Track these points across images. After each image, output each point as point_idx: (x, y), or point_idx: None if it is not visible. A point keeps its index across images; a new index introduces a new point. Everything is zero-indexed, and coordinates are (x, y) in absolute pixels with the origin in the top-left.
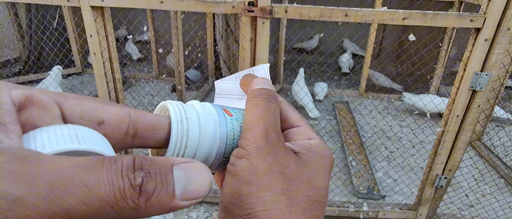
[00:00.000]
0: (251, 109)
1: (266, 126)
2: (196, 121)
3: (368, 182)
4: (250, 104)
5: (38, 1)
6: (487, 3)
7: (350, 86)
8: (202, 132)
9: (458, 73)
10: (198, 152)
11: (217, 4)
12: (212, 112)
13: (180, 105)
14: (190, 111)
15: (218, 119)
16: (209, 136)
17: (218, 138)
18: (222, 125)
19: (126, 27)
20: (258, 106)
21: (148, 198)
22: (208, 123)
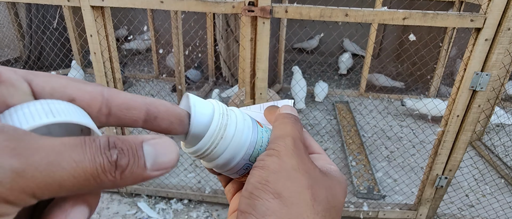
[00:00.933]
0: (280, 125)
1: (295, 137)
2: (234, 119)
3: (368, 182)
4: (279, 122)
5: (39, 1)
6: (487, 3)
7: (350, 86)
8: (237, 130)
9: (458, 73)
10: (229, 147)
11: (217, 4)
12: (247, 118)
13: (222, 104)
14: (230, 110)
15: (252, 124)
16: (242, 136)
17: (249, 140)
18: (254, 131)
19: (126, 27)
20: (287, 124)
21: (122, 171)
22: (243, 125)
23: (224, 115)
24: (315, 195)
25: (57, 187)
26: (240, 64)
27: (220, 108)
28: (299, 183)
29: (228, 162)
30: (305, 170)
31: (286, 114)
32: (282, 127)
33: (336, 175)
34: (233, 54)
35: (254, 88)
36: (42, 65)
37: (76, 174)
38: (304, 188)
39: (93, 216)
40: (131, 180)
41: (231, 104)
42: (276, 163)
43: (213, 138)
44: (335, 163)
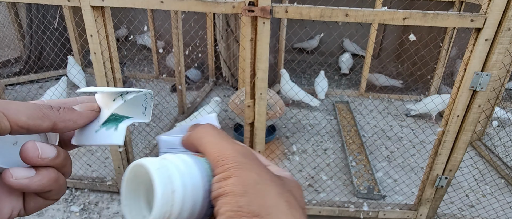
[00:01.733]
0: (206, 141)
1: (232, 144)
2: (173, 167)
3: (369, 182)
4: (201, 135)
5: (39, 1)
6: (487, 3)
7: (351, 86)
8: (183, 176)
9: (458, 73)
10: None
11: (217, 4)
12: (184, 157)
13: (154, 159)
14: (163, 159)
15: (192, 160)
16: (192, 177)
17: (200, 177)
18: (198, 165)
19: (126, 27)
20: (210, 133)
21: (58, 109)
22: (185, 166)
23: (161, 168)
24: (288, 201)
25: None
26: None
27: (153, 164)
28: (270, 195)
29: (193, 211)
30: (268, 178)
31: (200, 127)
32: (210, 141)
33: (290, 179)
34: (233, 54)
35: (254, 88)
36: (42, 65)
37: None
38: (277, 198)
39: (93, 216)
40: (68, 116)
41: (231, 104)
42: (237, 184)
43: (164, 198)
44: (335, 163)
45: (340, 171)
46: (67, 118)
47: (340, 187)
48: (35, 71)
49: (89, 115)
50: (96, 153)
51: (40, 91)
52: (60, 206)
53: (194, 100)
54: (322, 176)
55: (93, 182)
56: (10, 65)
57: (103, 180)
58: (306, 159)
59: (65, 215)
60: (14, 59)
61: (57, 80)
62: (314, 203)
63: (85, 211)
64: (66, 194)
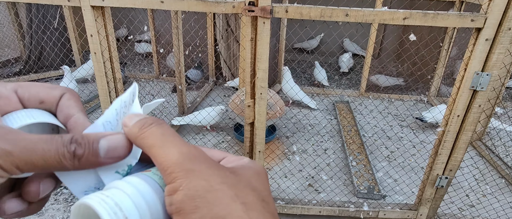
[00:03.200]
0: (147, 143)
1: (178, 146)
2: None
3: (369, 182)
4: (141, 140)
5: (39, 1)
6: (488, 3)
7: (351, 86)
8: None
9: (458, 73)
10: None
11: (217, 4)
12: (130, 178)
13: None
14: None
15: (139, 179)
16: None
17: (157, 200)
18: (147, 179)
19: (126, 27)
20: (152, 135)
21: (80, 158)
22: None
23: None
24: (245, 203)
25: (33, 165)
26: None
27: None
28: (224, 202)
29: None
30: (220, 181)
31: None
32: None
33: (249, 166)
34: (233, 54)
35: (255, 88)
36: (42, 65)
37: (45, 158)
38: (231, 203)
39: None
40: (88, 165)
41: (232, 104)
42: (186, 200)
43: None
44: (335, 163)
45: (340, 171)
46: (85, 167)
47: (340, 187)
48: (35, 71)
49: (113, 162)
50: None
51: None
52: (60, 206)
53: (194, 100)
54: (322, 176)
55: None
56: (10, 65)
57: None
58: (306, 159)
59: (65, 215)
60: (14, 59)
61: (57, 80)
62: (314, 203)
63: None
64: (66, 194)
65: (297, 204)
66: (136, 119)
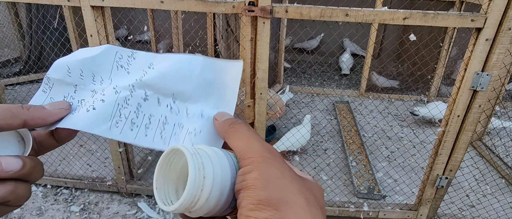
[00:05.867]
0: (234, 136)
1: (260, 140)
2: (207, 157)
3: (369, 182)
4: (231, 132)
5: (39, 1)
6: (488, 3)
7: (351, 86)
8: (214, 165)
9: (459, 73)
10: (214, 185)
11: (217, 4)
12: (217, 150)
13: (190, 146)
14: (199, 150)
15: (223, 153)
16: (221, 168)
17: (229, 169)
18: (228, 158)
19: (126, 27)
20: (240, 130)
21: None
22: (217, 157)
23: (196, 155)
24: (308, 199)
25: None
26: None
27: (190, 150)
28: (290, 191)
29: (219, 200)
30: (289, 175)
31: (229, 121)
32: (239, 137)
33: (312, 180)
34: (233, 54)
35: (254, 88)
36: (42, 65)
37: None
38: (296, 194)
39: (93, 216)
40: (37, 113)
41: None
42: (259, 179)
43: (196, 182)
44: (336, 163)
45: (340, 171)
46: (36, 116)
47: (340, 187)
48: (35, 71)
49: (58, 113)
50: (96, 153)
51: None
52: (60, 206)
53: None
54: (322, 176)
55: (93, 182)
56: (10, 65)
57: (103, 180)
58: (306, 159)
59: (65, 215)
60: (14, 59)
61: None
62: None
63: (85, 211)
64: (66, 194)
65: None
66: (227, 116)
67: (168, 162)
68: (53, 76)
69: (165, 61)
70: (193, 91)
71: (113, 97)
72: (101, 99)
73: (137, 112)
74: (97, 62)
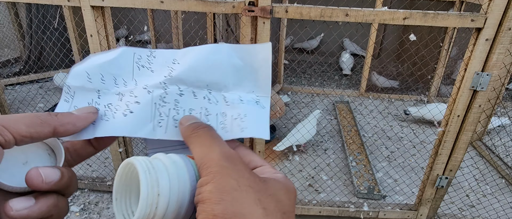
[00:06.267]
0: (195, 142)
1: (221, 147)
2: (162, 168)
3: (369, 182)
4: (192, 138)
5: (39, 1)
6: (488, 3)
7: (351, 86)
8: (171, 178)
9: (459, 73)
10: (171, 199)
11: (217, 4)
12: (176, 158)
13: (145, 159)
14: (154, 162)
15: (183, 162)
16: (179, 181)
17: (189, 180)
18: (188, 168)
19: (126, 27)
20: (202, 135)
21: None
22: (175, 169)
23: (150, 170)
24: (266, 209)
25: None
26: None
27: (143, 165)
28: (247, 202)
29: (178, 213)
30: (247, 184)
31: (193, 126)
32: (200, 142)
33: (282, 182)
34: None
35: None
36: (42, 65)
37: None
38: (253, 206)
39: (93, 216)
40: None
41: None
42: (214, 193)
43: (149, 200)
44: (335, 163)
45: (340, 171)
46: (65, 122)
47: (340, 187)
48: (35, 71)
49: (87, 117)
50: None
51: (40, 91)
52: None
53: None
54: (322, 176)
55: (93, 182)
56: (10, 65)
57: (103, 180)
58: (306, 159)
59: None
60: (14, 59)
61: None
62: (314, 203)
63: (85, 211)
64: None
65: (297, 204)
66: (192, 120)
67: (127, 172)
68: (73, 84)
69: (189, 54)
70: (226, 79)
71: (147, 97)
72: (136, 101)
73: (176, 109)
74: (117, 65)
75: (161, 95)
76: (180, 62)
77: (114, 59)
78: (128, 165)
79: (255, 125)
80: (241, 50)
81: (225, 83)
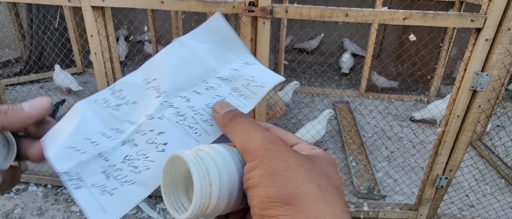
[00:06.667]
0: (235, 130)
1: (262, 132)
2: (210, 159)
3: (369, 182)
4: (231, 127)
5: (39, 1)
6: (487, 3)
7: (351, 86)
8: (219, 168)
9: (458, 73)
10: (222, 188)
11: (217, 4)
12: (220, 149)
13: (192, 152)
14: (201, 154)
15: (227, 152)
16: (227, 170)
17: (235, 168)
18: (233, 156)
19: (126, 27)
20: (241, 123)
21: (5, 112)
22: (221, 158)
23: (199, 162)
24: (320, 185)
25: None
26: None
27: (191, 157)
28: (300, 181)
29: (229, 201)
30: (297, 163)
31: (228, 115)
32: (240, 130)
33: (323, 156)
34: None
35: None
36: (42, 65)
37: None
38: (306, 184)
39: None
40: (15, 117)
41: None
42: (265, 174)
43: (203, 191)
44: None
45: (340, 171)
46: (14, 121)
47: None
48: (35, 71)
49: (39, 113)
50: None
51: (41, 91)
52: (61, 206)
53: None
54: None
55: None
56: (11, 65)
57: None
58: None
59: (65, 215)
60: (15, 59)
61: None
62: None
63: None
64: (66, 194)
65: None
66: (226, 108)
67: (172, 166)
68: (68, 168)
69: (159, 66)
70: (208, 64)
71: (165, 122)
72: (159, 132)
73: (197, 113)
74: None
75: (175, 113)
76: (157, 77)
77: (83, 119)
78: (173, 158)
79: (265, 76)
80: (199, 33)
81: (210, 67)
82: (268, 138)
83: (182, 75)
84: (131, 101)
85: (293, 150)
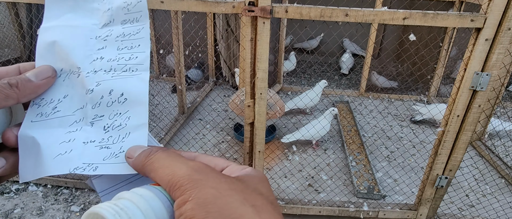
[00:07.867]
0: (155, 168)
1: (184, 162)
2: (133, 207)
3: (369, 182)
4: (149, 165)
5: (39, 1)
6: (488, 3)
7: (351, 86)
8: (145, 214)
9: (458, 73)
10: None
11: (217, 4)
12: (143, 191)
13: (110, 204)
14: (121, 203)
15: (152, 192)
16: (154, 212)
17: (163, 208)
18: (159, 195)
19: None
20: (159, 159)
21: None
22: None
23: (119, 212)
24: (254, 206)
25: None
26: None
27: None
28: (234, 206)
29: None
30: (228, 187)
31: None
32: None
33: (253, 174)
34: (233, 54)
35: (254, 88)
36: None
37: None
38: (241, 207)
39: None
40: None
41: (232, 105)
42: (196, 207)
43: None
44: (335, 163)
45: (340, 171)
46: (27, 93)
47: (340, 187)
48: None
49: (48, 82)
50: None
51: None
52: (61, 206)
53: (194, 100)
54: (322, 176)
55: None
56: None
57: None
58: (306, 159)
59: (65, 215)
60: (14, 59)
61: None
62: (314, 203)
63: (85, 211)
64: (66, 194)
65: (297, 204)
66: (140, 149)
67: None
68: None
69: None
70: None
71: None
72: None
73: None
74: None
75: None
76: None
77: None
78: (90, 215)
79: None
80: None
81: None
82: (193, 168)
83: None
84: (61, 98)
85: (222, 175)
